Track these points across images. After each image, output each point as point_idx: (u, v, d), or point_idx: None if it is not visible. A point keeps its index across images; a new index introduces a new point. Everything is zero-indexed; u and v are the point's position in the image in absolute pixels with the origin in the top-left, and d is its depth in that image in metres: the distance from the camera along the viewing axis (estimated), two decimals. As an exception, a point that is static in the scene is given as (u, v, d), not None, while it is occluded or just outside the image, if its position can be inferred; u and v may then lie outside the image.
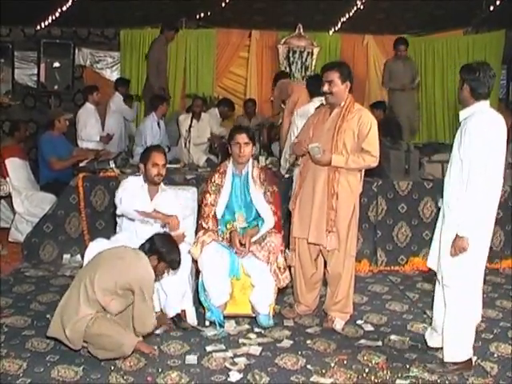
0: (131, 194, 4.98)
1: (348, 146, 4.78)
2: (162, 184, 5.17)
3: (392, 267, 6.73)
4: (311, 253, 5.06)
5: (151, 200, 5.06)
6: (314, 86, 5.93)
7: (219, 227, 5.17)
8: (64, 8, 9.76)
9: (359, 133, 4.78)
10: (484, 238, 4.14)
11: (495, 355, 4.51)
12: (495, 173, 4.02)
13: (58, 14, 10.02)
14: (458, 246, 4.01)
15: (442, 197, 4.30)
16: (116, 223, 5.42)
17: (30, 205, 7.12)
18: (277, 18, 10.96)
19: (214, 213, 5.15)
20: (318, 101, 5.69)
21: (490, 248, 4.37)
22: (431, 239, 4.52)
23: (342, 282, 5.03)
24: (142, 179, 5.12)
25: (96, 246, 4.80)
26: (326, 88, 4.83)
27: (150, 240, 4.45)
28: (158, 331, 4.70)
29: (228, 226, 5.17)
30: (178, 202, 5.23)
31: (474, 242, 4.03)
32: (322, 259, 5.10)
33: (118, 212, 5.10)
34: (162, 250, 4.37)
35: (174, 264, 4.46)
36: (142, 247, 4.41)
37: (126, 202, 4.94)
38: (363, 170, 5.01)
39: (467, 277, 4.11)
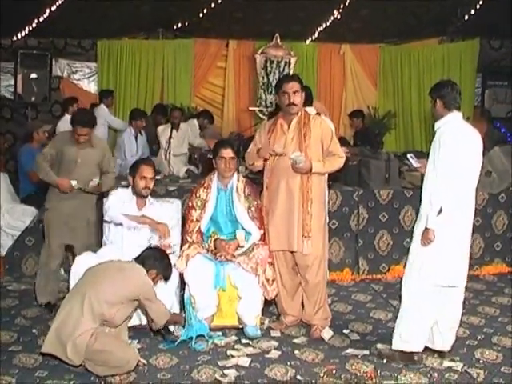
0: (120, 204, 5.06)
1: (315, 151, 4.91)
2: (149, 197, 5.24)
3: (374, 275, 6.80)
4: (287, 262, 5.12)
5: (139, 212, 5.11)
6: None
7: (203, 240, 5.21)
8: (41, 19, 9.70)
9: (323, 138, 4.95)
10: (445, 238, 4.32)
11: (481, 361, 4.58)
12: (465, 178, 4.30)
13: (34, 25, 9.95)
14: (424, 237, 4.31)
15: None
16: (102, 236, 5.42)
17: (11, 218, 7.05)
18: (254, 27, 10.96)
19: (199, 227, 5.19)
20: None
21: (470, 255, 4.56)
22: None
23: (321, 289, 5.12)
24: (130, 192, 5.19)
25: (84, 260, 4.81)
26: (292, 99, 4.90)
27: (146, 255, 4.53)
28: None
29: (211, 234, 5.21)
30: (165, 214, 5.25)
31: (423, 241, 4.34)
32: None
33: (107, 218, 5.12)
34: (161, 265, 4.53)
35: (169, 276, 4.68)
36: (138, 261, 4.47)
37: (115, 208, 5.03)
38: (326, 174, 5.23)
39: (421, 275, 4.37)
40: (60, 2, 9.25)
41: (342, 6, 10.22)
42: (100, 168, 5.50)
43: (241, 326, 5.05)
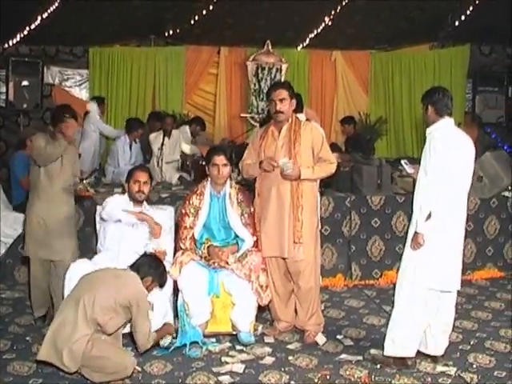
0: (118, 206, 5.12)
1: (305, 158, 4.93)
2: (145, 203, 5.25)
3: (367, 281, 6.81)
4: (280, 269, 5.14)
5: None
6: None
7: (197, 247, 5.21)
8: (32, 26, 9.72)
9: (314, 144, 4.96)
10: (436, 247, 4.35)
11: (474, 366, 4.61)
12: (456, 183, 4.33)
13: (26, 32, 9.97)
14: (414, 241, 4.35)
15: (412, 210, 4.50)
16: (96, 243, 5.43)
17: (4, 225, 7.01)
18: (246, 33, 11.00)
19: (192, 234, 5.20)
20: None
21: (462, 260, 4.56)
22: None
23: (314, 295, 5.13)
24: (127, 198, 5.21)
25: (78, 267, 4.80)
26: (279, 107, 4.92)
27: (141, 263, 4.55)
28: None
29: (205, 241, 5.22)
30: (159, 220, 5.27)
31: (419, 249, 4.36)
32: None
33: (104, 215, 5.12)
34: (156, 272, 4.54)
35: (165, 283, 4.68)
36: (133, 269, 4.48)
37: (112, 205, 5.09)
38: (318, 181, 5.23)
39: (415, 280, 4.39)
40: (51, 10, 9.26)
41: (333, 13, 10.27)
42: None
43: (235, 333, 5.06)
